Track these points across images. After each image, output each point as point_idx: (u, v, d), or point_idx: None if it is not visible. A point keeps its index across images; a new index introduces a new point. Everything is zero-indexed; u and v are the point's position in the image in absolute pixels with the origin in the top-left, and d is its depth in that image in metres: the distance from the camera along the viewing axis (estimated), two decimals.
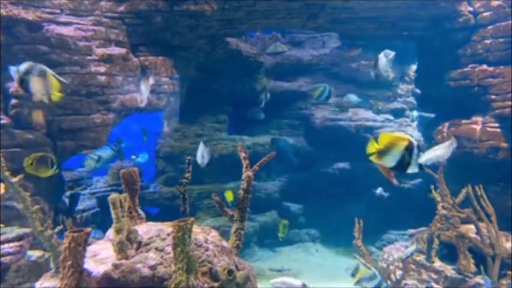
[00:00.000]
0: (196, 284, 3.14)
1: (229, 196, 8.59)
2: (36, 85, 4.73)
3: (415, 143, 3.36)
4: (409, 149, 3.35)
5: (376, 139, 3.40)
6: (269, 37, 12.46)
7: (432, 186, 7.18)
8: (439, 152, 5.76)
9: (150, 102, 7.82)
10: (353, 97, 11.85)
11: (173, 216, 3.32)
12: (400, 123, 12.01)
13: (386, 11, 8.08)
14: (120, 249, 3.38)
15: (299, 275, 9.84)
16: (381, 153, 3.40)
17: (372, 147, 3.41)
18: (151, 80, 6.86)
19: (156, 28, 7.74)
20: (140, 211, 4.10)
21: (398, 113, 12.26)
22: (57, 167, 6.04)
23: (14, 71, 4.75)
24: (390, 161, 3.43)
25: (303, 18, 8.41)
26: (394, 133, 3.62)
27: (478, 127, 7.74)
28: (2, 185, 5.01)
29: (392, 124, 11.89)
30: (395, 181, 6.32)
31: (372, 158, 3.43)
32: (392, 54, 6.35)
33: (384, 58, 6.35)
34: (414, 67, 11.71)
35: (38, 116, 6.59)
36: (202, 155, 6.75)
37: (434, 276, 6.60)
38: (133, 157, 11.99)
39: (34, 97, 4.81)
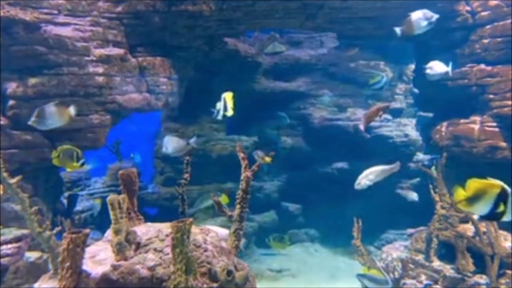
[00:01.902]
0: (195, 284, 3.13)
1: (223, 199, 8.58)
2: None
3: (509, 190, 3.13)
4: (502, 196, 3.12)
5: (463, 186, 3.19)
6: (267, 37, 12.45)
7: (430, 186, 7.20)
8: (376, 173, 6.15)
9: (149, 103, 7.82)
10: (325, 99, 11.96)
11: (172, 217, 3.32)
12: (399, 122, 12.02)
13: (385, 11, 8.08)
14: (119, 250, 3.37)
15: (298, 275, 9.86)
16: (470, 200, 3.20)
17: (459, 195, 3.20)
18: (72, 111, 5.91)
19: (154, 29, 7.73)
20: None
21: (396, 113, 12.27)
22: (83, 162, 6.04)
23: None
24: (481, 209, 3.20)
25: (302, 18, 8.41)
26: (483, 179, 3.32)
27: (476, 127, 7.75)
28: (1, 186, 4.99)
29: (391, 123, 11.89)
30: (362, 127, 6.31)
31: (460, 206, 3.23)
32: (434, 17, 5.99)
33: (424, 19, 5.99)
34: (412, 66, 11.72)
35: None
36: (171, 146, 6.74)
37: (433, 275, 6.60)
38: (132, 155, 12.00)
39: None
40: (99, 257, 3.50)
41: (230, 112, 6.15)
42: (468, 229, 6.59)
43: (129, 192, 3.95)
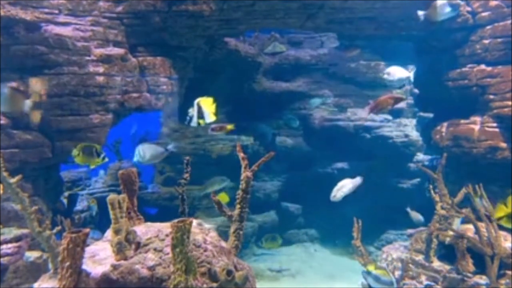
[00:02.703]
0: (195, 284, 3.13)
1: (223, 198, 8.58)
2: None
3: None
4: None
5: (505, 203, 3.24)
6: (267, 37, 12.45)
7: (430, 186, 7.19)
8: (347, 187, 7.08)
9: (149, 102, 7.82)
10: (315, 101, 11.96)
11: (172, 217, 3.32)
12: (399, 123, 12.02)
13: (385, 11, 8.08)
14: (119, 249, 3.38)
15: (298, 275, 9.86)
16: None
17: (501, 211, 3.25)
18: (28, 104, 5.83)
19: (154, 28, 7.73)
20: None
21: (396, 113, 12.27)
22: (104, 156, 6.27)
23: None
24: None
25: (302, 19, 8.40)
26: None
27: (476, 127, 7.75)
28: (1, 185, 5.00)
29: (391, 124, 11.90)
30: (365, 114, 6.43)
31: (502, 222, 3.27)
32: (460, 4, 5.94)
33: (449, 6, 5.96)
34: (412, 67, 11.72)
35: (36, 117, 6.56)
36: (143, 153, 6.70)
37: (433, 275, 6.59)
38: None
39: None
40: (99, 257, 3.50)
41: (210, 118, 5.79)
42: (469, 229, 6.58)
43: (129, 192, 3.95)
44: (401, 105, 12.41)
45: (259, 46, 12.14)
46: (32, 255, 5.99)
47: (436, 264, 6.72)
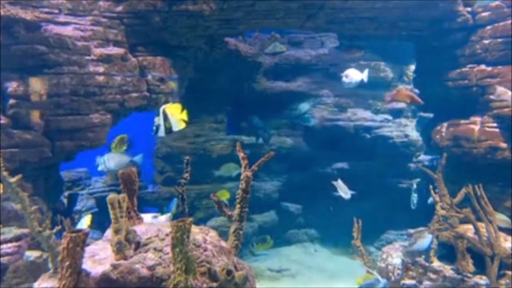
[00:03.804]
0: (194, 284, 3.13)
1: (224, 194, 8.59)
2: None
3: None
4: None
5: None
6: (268, 37, 12.45)
7: (431, 186, 7.20)
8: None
9: (149, 102, 7.82)
10: (304, 106, 11.96)
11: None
12: (399, 123, 12.02)
13: (385, 11, 8.07)
14: (119, 249, 3.38)
15: (298, 275, 9.86)
16: None
17: None
18: None
19: (154, 28, 7.73)
20: None
21: (396, 113, 12.27)
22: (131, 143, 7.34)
23: None
24: None
25: (302, 19, 8.40)
26: None
27: (476, 127, 7.74)
28: (1, 185, 5.00)
29: (391, 124, 11.90)
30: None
31: None
32: None
33: None
34: (412, 67, 11.73)
35: (35, 117, 6.62)
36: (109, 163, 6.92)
37: (433, 276, 6.59)
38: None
39: None
40: (99, 257, 3.50)
41: (178, 126, 5.46)
42: (468, 229, 6.58)
43: (129, 192, 3.95)
44: (401, 105, 12.43)
45: (259, 46, 12.13)
46: (32, 254, 5.99)
47: (436, 264, 6.72)
